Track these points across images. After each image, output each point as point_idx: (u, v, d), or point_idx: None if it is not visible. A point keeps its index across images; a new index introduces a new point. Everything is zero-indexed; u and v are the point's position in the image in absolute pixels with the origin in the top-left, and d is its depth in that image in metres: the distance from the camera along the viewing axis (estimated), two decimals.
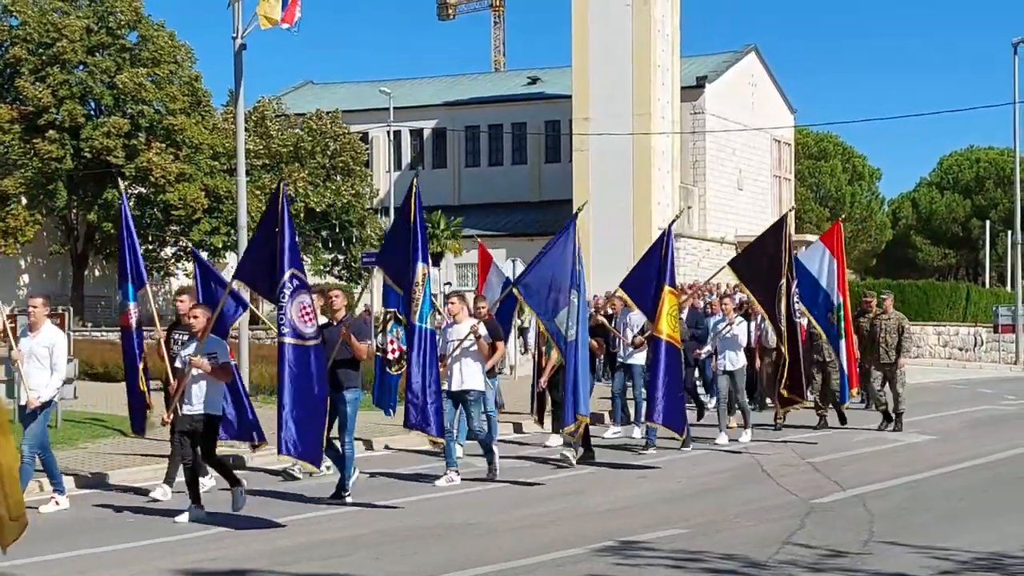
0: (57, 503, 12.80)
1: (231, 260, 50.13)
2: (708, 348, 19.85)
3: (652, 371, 16.17)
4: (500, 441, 16.76)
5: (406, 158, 68.02)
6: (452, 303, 14.96)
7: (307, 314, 12.15)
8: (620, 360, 19.33)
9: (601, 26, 54.69)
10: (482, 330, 14.62)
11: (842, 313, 19.14)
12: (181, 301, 13.71)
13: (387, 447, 18.02)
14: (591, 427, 16.69)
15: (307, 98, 68.50)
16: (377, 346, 15.00)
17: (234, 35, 24.05)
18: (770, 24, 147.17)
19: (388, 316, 14.93)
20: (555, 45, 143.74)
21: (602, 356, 20.83)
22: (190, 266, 53.05)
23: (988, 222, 74.46)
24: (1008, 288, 58.75)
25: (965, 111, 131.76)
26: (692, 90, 59.60)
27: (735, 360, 18.45)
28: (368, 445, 17.69)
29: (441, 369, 14.14)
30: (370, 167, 61.94)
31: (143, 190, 47.87)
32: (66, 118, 46.37)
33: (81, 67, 47.36)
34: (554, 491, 14.02)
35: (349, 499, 13.08)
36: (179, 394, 12.24)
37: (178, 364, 12.50)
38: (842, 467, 15.73)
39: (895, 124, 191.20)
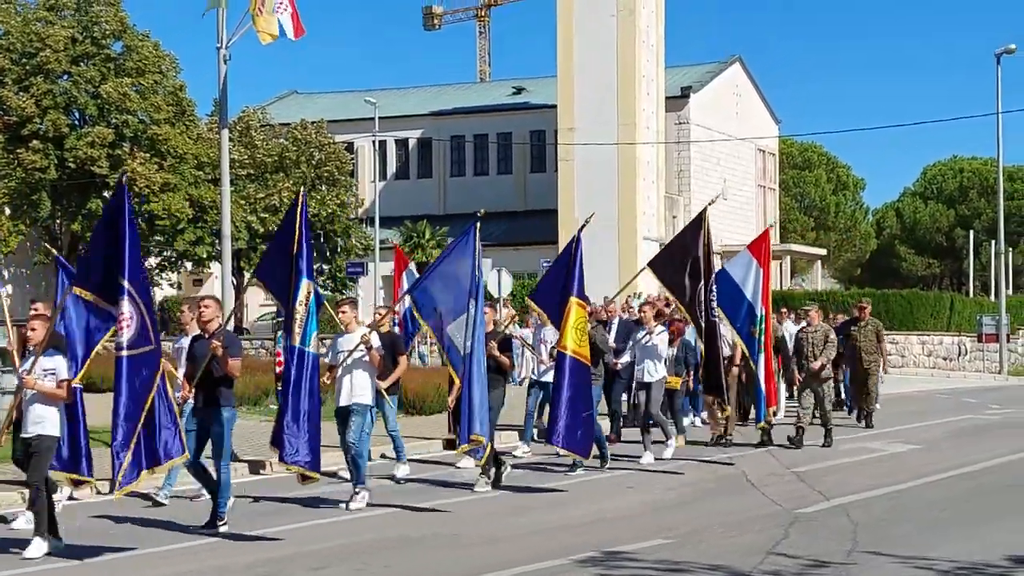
0: None
1: (215, 270, 50.06)
2: (626, 358, 18.81)
3: (555, 389, 14.91)
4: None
5: (391, 168, 68.01)
6: (343, 311, 13.94)
7: (124, 324, 11.21)
8: (533, 377, 18.50)
9: (586, 36, 54.77)
10: (375, 340, 13.72)
11: (763, 327, 17.99)
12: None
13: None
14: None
15: (292, 108, 68.43)
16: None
17: (219, 45, 24.05)
18: (754, 35, 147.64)
19: (277, 326, 14.41)
20: (540, 55, 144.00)
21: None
22: (174, 276, 53.03)
23: (972, 232, 74.67)
24: (992, 298, 58.93)
25: (949, 121, 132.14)
26: (677, 100, 59.71)
27: (654, 371, 17.39)
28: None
29: (328, 381, 13.47)
30: (355, 177, 61.89)
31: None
32: (50, 128, 46.22)
33: (65, 77, 47.20)
34: (536, 502, 14.01)
35: (224, 528, 12.00)
36: (10, 418, 11.47)
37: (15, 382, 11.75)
38: (826, 477, 15.74)
39: (879, 134, 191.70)
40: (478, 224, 13.94)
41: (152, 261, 50.86)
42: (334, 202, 52.35)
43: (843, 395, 25.11)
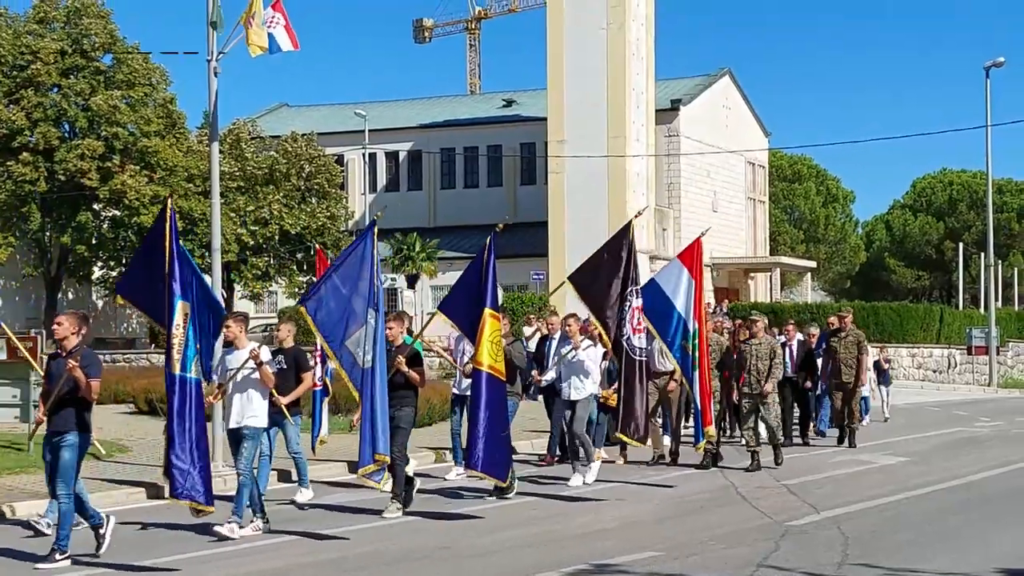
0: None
1: (206, 281, 49.96)
2: (550, 374, 17.26)
3: (472, 409, 13.81)
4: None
5: (381, 180, 68.01)
6: (227, 327, 12.83)
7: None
8: (455, 392, 17.24)
9: (576, 49, 54.84)
10: (264, 355, 12.68)
11: (697, 342, 16.61)
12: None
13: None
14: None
15: (282, 120, 68.42)
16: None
17: (209, 58, 24.04)
18: (744, 48, 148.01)
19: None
20: (530, 68, 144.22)
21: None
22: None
23: (961, 244, 74.88)
24: (981, 310, 59.05)
25: (938, 134, 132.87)
26: (667, 113, 59.81)
27: (580, 388, 16.26)
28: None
29: (214, 400, 12.83)
30: (345, 189, 61.85)
31: (117, 212, 47.71)
32: (40, 140, 46.21)
33: (55, 89, 47.21)
34: (527, 515, 13.98)
35: (62, 560, 11.06)
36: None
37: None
38: (817, 489, 15.74)
39: (869, 147, 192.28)
40: (375, 229, 13.12)
41: None
42: (324, 215, 52.34)
43: (813, 415, 22.85)
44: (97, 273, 50.35)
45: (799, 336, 22.53)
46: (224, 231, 42.32)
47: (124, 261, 48.50)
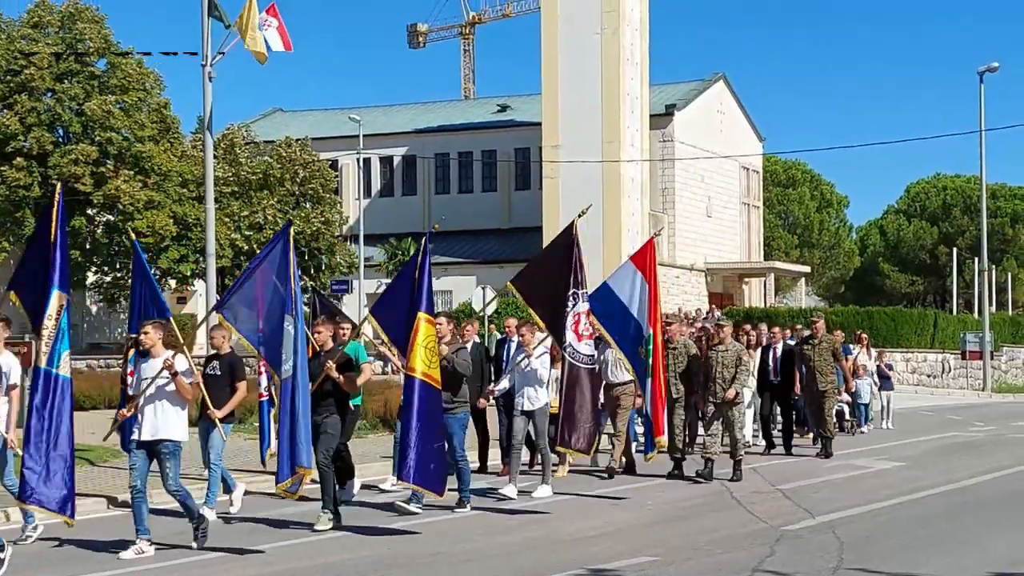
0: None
1: (199, 288, 49.96)
2: (504, 384, 16.52)
3: (403, 417, 13.13)
4: None
5: (376, 185, 67.99)
6: (144, 333, 12.12)
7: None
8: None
9: (570, 54, 54.87)
10: (180, 365, 11.92)
11: (651, 347, 15.81)
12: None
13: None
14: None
15: (276, 125, 68.41)
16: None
17: (203, 63, 24.03)
18: (738, 53, 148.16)
19: (130, 343, 13.15)
20: (525, 73, 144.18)
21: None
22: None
23: (955, 249, 74.94)
24: (975, 315, 59.12)
25: (932, 139, 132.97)
26: (661, 118, 59.84)
27: (535, 398, 15.55)
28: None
29: (127, 413, 12.26)
30: (339, 194, 61.85)
31: (111, 217, 47.65)
32: (34, 145, 46.15)
33: (49, 94, 47.18)
34: (524, 519, 13.97)
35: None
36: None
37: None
38: (812, 494, 15.75)
39: (863, 152, 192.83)
40: (291, 230, 12.76)
41: None
42: (319, 219, 52.31)
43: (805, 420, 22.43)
44: (91, 278, 50.28)
45: (789, 340, 22.17)
46: (218, 236, 42.24)
47: (118, 266, 48.48)
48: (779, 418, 22.33)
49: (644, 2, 57.47)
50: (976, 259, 58.23)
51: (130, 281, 49.70)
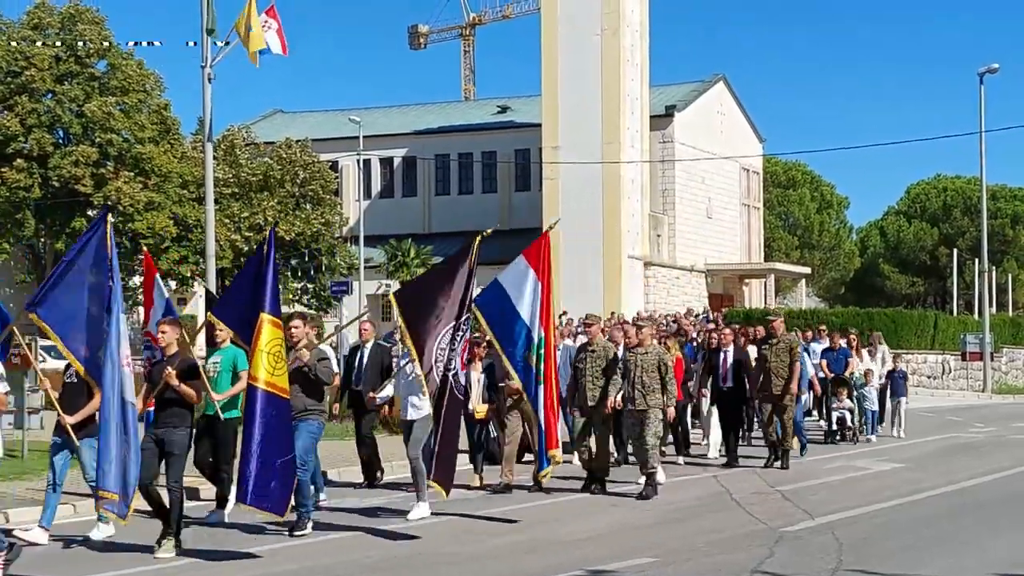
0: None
1: (199, 289, 49.97)
2: (387, 391, 15.16)
3: (245, 433, 11.71)
4: None
5: (376, 187, 68.02)
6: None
7: None
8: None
9: (570, 56, 54.91)
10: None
11: (543, 352, 14.23)
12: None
13: None
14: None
15: (277, 127, 68.44)
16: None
17: (203, 64, 24.04)
18: (738, 54, 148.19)
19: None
20: (525, 74, 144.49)
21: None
22: None
23: (956, 250, 74.96)
24: (976, 316, 59.12)
25: (932, 140, 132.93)
26: (661, 119, 59.87)
27: (419, 407, 14.23)
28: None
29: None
30: (340, 196, 61.89)
31: (111, 219, 47.64)
32: (34, 147, 46.18)
33: (49, 96, 47.19)
34: (525, 520, 13.95)
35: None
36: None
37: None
38: (811, 495, 15.73)
39: (863, 153, 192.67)
40: (108, 216, 12.11)
41: (136, 280, 50.78)
42: (319, 221, 52.34)
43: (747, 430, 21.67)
44: (91, 279, 50.30)
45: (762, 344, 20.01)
46: (218, 237, 42.33)
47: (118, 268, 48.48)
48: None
49: (644, 3, 57.52)
50: (976, 260, 58.22)
51: (131, 282, 49.89)
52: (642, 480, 15.77)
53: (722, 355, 19.75)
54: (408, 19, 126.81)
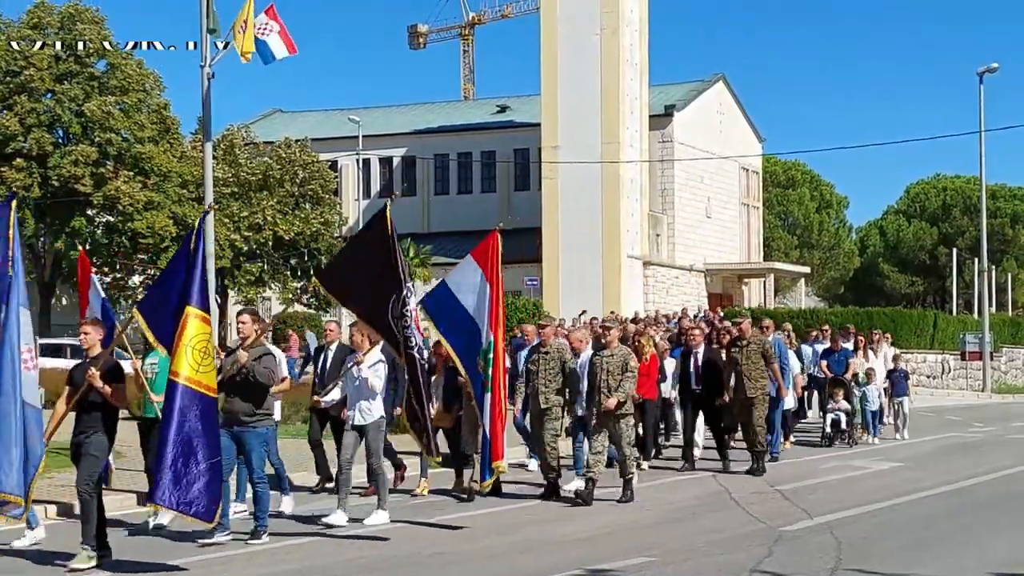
0: None
1: None
2: (334, 394, 14.64)
3: (161, 431, 11.12)
4: None
5: (375, 186, 68.00)
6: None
7: None
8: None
9: (570, 55, 54.89)
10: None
11: (491, 357, 13.64)
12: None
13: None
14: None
15: (276, 126, 68.41)
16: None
17: (202, 63, 24.04)
18: (738, 54, 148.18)
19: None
20: (524, 74, 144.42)
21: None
22: None
23: (955, 250, 74.98)
24: (975, 315, 59.13)
25: (931, 139, 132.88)
26: (660, 118, 59.84)
27: (367, 412, 13.53)
28: None
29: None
30: (339, 195, 61.87)
31: (111, 218, 47.69)
32: (34, 146, 46.17)
33: (49, 95, 47.19)
34: (524, 519, 13.97)
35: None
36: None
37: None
38: (810, 495, 15.74)
39: (862, 152, 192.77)
40: (14, 203, 11.77)
41: (136, 279, 50.80)
42: (318, 220, 52.32)
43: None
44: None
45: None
46: (218, 237, 42.30)
47: (118, 267, 48.49)
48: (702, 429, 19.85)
49: (643, 2, 57.51)
50: (976, 260, 58.22)
51: (130, 281, 49.88)
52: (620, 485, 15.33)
53: (692, 356, 19.12)
54: (407, 19, 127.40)
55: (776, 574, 10.56)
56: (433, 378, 15.72)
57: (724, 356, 18.89)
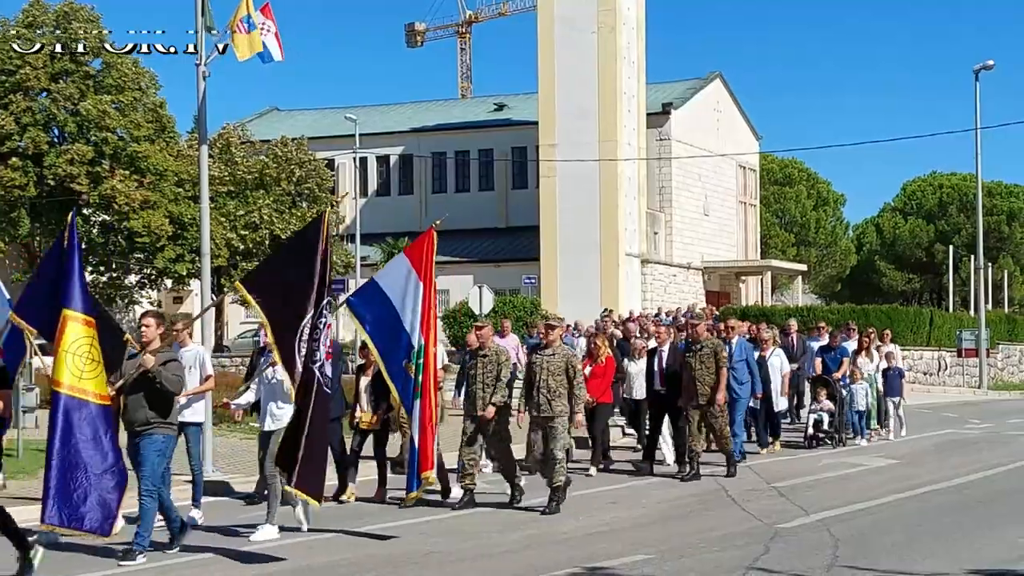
0: None
1: (195, 287, 49.93)
2: (248, 396, 13.83)
3: (48, 444, 10.62)
4: None
5: (372, 185, 67.96)
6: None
7: None
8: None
9: (567, 53, 54.86)
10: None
11: (421, 361, 12.87)
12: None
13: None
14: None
15: (272, 124, 68.36)
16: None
17: (198, 62, 24.00)
18: (735, 51, 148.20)
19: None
20: (521, 72, 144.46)
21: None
22: (154, 294, 52.89)
23: (951, 247, 75.00)
24: (971, 312, 59.14)
25: (928, 137, 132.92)
26: (658, 116, 59.80)
27: (279, 417, 13.04)
28: None
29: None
30: (336, 194, 61.83)
31: (107, 217, 47.65)
32: (29, 145, 46.11)
33: (44, 94, 47.12)
34: (522, 518, 13.96)
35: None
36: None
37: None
38: (807, 492, 15.75)
39: (859, 150, 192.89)
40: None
41: (132, 279, 50.79)
42: None
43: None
44: (87, 278, 50.26)
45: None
46: (214, 236, 42.28)
47: (114, 266, 48.45)
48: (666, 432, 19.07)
49: (640, 1, 57.47)
50: (972, 257, 58.24)
51: (128, 280, 49.85)
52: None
53: (657, 356, 18.43)
54: (404, 17, 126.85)
55: (773, 571, 10.56)
56: (364, 381, 15.47)
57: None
